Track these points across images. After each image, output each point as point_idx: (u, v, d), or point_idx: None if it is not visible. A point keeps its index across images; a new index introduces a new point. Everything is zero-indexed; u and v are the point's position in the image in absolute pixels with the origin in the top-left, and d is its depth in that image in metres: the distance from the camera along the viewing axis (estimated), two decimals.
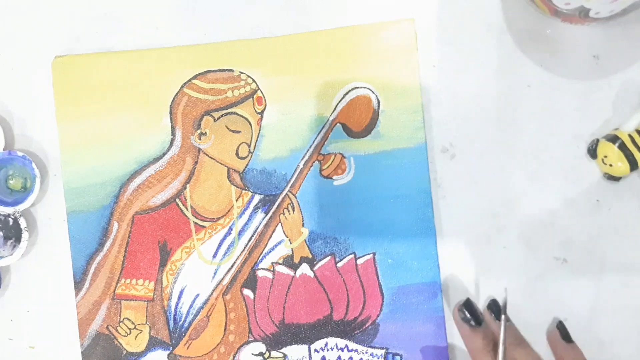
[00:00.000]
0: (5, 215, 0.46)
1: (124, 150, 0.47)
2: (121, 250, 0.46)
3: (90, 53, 0.47)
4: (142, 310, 0.46)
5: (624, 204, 0.46)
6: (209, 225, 0.47)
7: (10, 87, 0.48)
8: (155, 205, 0.47)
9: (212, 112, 0.47)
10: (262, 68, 0.47)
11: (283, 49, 0.47)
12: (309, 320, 0.46)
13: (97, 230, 0.46)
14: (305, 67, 0.47)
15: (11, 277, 0.47)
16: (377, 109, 0.47)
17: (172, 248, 0.47)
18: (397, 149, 0.46)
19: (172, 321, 0.46)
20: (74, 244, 0.46)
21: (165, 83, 0.47)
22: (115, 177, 0.47)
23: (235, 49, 0.47)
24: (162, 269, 0.46)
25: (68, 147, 0.47)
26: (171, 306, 0.46)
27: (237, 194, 0.47)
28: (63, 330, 0.47)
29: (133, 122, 0.47)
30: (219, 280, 0.46)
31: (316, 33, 0.47)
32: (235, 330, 0.46)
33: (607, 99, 0.46)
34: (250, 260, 0.47)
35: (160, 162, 0.47)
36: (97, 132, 0.47)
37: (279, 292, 0.46)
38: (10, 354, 0.47)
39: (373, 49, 0.47)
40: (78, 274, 0.46)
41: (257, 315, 0.46)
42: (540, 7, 0.44)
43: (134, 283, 0.46)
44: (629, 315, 0.46)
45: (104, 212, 0.46)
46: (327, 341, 0.46)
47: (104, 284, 0.46)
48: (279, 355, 0.46)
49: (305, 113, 0.47)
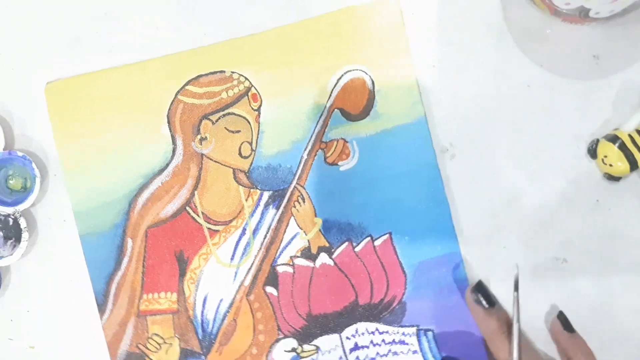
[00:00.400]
0: (5, 215, 0.46)
1: (127, 166, 0.47)
2: (139, 266, 0.46)
3: (79, 75, 0.47)
4: (169, 323, 0.46)
5: (624, 204, 0.46)
6: (222, 229, 0.46)
7: (10, 87, 0.48)
8: (167, 216, 0.47)
9: (210, 115, 0.47)
10: (252, 65, 0.47)
11: (271, 43, 0.47)
12: (336, 309, 0.46)
13: (112, 249, 0.46)
14: (295, 58, 0.47)
15: (11, 277, 0.47)
16: (373, 89, 0.47)
17: (189, 257, 0.46)
18: (398, 126, 0.46)
19: (200, 330, 0.46)
20: (91, 266, 0.46)
21: (158, 93, 0.47)
22: (123, 194, 0.46)
23: (224, 49, 0.47)
24: (182, 278, 0.46)
25: (71, 171, 0.47)
26: (197, 315, 0.46)
27: (246, 194, 0.47)
28: (63, 330, 0.47)
29: (132, 137, 0.47)
30: (241, 281, 0.46)
31: (301, 23, 0.47)
32: (264, 330, 0.46)
33: (607, 99, 0.46)
34: (269, 258, 0.46)
35: (166, 173, 0.47)
36: (97, 152, 0.47)
37: (302, 285, 0.46)
38: (10, 354, 0.47)
39: (361, 31, 0.47)
40: (99, 297, 0.46)
41: (284, 311, 0.46)
42: (540, 7, 0.44)
43: (157, 297, 0.46)
44: (629, 315, 0.46)
45: (117, 230, 0.46)
46: (357, 327, 0.46)
47: (127, 303, 0.46)
48: (311, 348, 0.46)
49: (302, 103, 0.47)
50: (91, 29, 0.48)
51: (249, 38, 0.47)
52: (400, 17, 0.47)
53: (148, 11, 0.48)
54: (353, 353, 0.46)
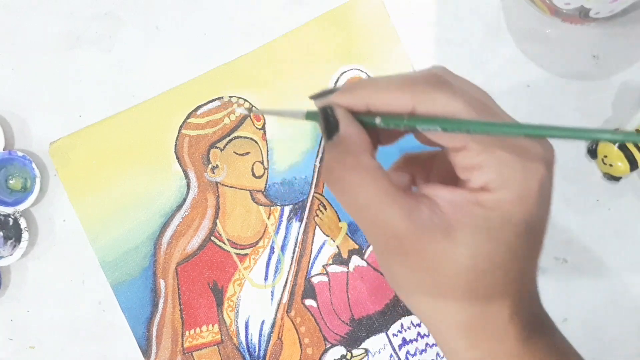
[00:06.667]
0: (5, 215, 0.46)
1: (145, 209, 0.46)
2: (176, 304, 0.46)
3: (80, 130, 0.47)
4: (216, 355, 0.46)
5: (624, 204, 0.46)
6: (250, 251, 0.46)
7: (11, 87, 0.48)
8: (194, 250, 0.46)
9: (217, 143, 0.47)
10: (248, 85, 0.47)
11: (262, 60, 0.47)
12: (377, 308, 0.46)
13: (146, 294, 0.46)
14: (289, 70, 0.47)
15: (11, 277, 0.47)
16: None
17: (224, 285, 0.46)
18: None
19: (247, 355, 0.46)
20: (129, 314, 0.46)
21: (162, 132, 0.47)
22: (146, 237, 0.46)
23: (217, 76, 0.47)
24: (221, 308, 0.46)
25: (90, 224, 0.46)
26: (242, 341, 0.46)
27: (267, 212, 0.47)
28: (63, 330, 0.47)
29: (144, 180, 0.47)
30: (278, 300, 0.46)
31: (288, 34, 0.47)
32: (310, 343, 0.46)
33: (607, 99, 0.46)
34: (302, 271, 0.46)
35: (184, 208, 0.47)
36: (113, 202, 0.47)
37: (340, 291, 0.46)
38: (10, 354, 0.47)
39: (348, 31, 0.47)
40: (142, 342, 0.46)
41: (327, 321, 0.46)
42: (540, 7, 0.44)
43: (199, 332, 0.46)
44: (629, 315, 0.46)
45: (147, 274, 0.46)
46: (402, 322, 0.46)
47: (171, 343, 0.46)
48: (361, 352, 0.46)
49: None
50: (91, 29, 0.48)
51: (240, 60, 0.47)
52: (384, 8, 0.47)
53: (148, 11, 0.48)
54: (403, 349, 0.46)
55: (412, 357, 0.46)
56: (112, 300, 0.47)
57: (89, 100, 0.47)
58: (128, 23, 0.48)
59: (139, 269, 0.46)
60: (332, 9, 0.47)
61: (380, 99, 0.27)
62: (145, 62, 0.47)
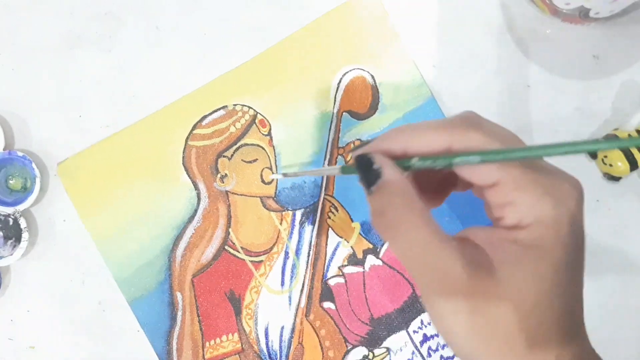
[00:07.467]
0: (5, 215, 0.46)
1: (156, 223, 0.46)
2: (194, 316, 0.46)
3: (87, 148, 0.47)
4: None
5: (624, 204, 0.46)
6: (265, 258, 0.46)
7: (10, 87, 0.47)
8: (208, 260, 0.46)
9: (224, 152, 0.47)
10: (252, 92, 0.47)
11: (263, 66, 0.47)
12: (396, 306, 0.46)
13: (163, 308, 0.46)
14: (291, 74, 0.47)
15: (11, 277, 0.47)
16: (374, 84, 0.47)
17: (241, 294, 0.46)
18: (408, 112, 0.46)
19: None
20: (147, 329, 0.46)
21: (168, 145, 0.47)
22: (160, 251, 0.46)
23: (220, 85, 0.47)
24: (239, 317, 0.46)
25: (102, 241, 0.46)
26: (262, 349, 0.46)
27: (279, 218, 0.46)
28: (63, 330, 0.47)
29: (154, 194, 0.46)
30: (296, 305, 0.46)
31: (287, 38, 0.47)
32: (331, 345, 0.46)
33: (607, 99, 0.46)
34: (318, 274, 0.46)
35: (196, 219, 0.46)
36: (124, 218, 0.46)
37: (357, 292, 0.46)
38: (10, 354, 0.47)
39: (347, 31, 0.47)
40: (162, 356, 0.46)
41: (346, 322, 0.46)
42: (540, 7, 0.44)
43: (219, 342, 0.46)
44: (629, 315, 0.46)
45: (163, 287, 0.46)
46: (421, 318, 0.46)
47: (192, 355, 0.46)
48: (382, 351, 0.46)
49: (309, 116, 0.47)
50: (91, 29, 0.47)
51: (242, 67, 0.47)
52: (381, 6, 0.47)
53: (148, 11, 0.47)
54: (424, 345, 0.46)
55: (434, 353, 0.46)
56: (112, 300, 0.47)
57: (89, 100, 0.47)
58: (128, 23, 0.47)
59: (154, 283, 0.46)
60: (331, 10, 0.47)
61: (419, 140, 0.28)
62: (146, 62, 0.47)
